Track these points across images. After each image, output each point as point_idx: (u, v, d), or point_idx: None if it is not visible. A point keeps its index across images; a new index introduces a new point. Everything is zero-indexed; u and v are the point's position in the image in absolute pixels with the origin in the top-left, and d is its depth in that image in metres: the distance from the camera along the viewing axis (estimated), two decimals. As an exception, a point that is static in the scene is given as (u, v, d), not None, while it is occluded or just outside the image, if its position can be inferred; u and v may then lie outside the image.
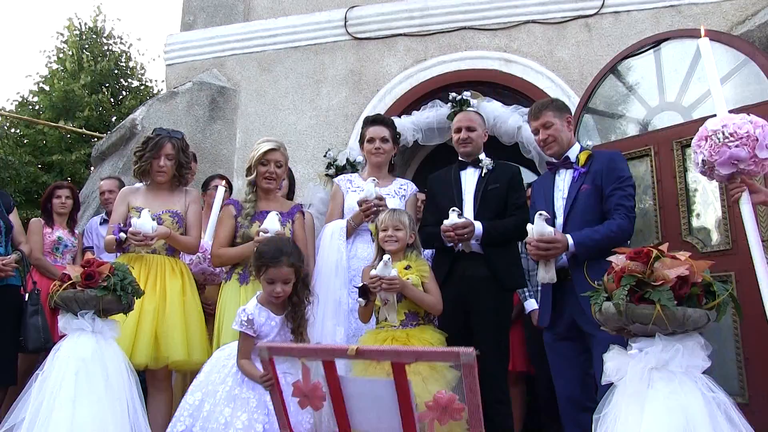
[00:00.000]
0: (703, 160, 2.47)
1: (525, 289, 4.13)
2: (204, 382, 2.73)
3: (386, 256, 2.92)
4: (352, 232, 3.54)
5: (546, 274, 2.95)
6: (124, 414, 2.61)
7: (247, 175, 3.48)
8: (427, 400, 2.11)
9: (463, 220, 3.26)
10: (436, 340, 2.94)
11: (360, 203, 3.48)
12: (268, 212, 3.37)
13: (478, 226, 3.30)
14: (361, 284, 2.98)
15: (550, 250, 2.90)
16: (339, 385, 2.23)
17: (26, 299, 3.69)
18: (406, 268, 3.02)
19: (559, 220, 3.10)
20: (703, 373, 2.02)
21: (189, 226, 3.48)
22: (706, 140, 2.46)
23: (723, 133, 2.41)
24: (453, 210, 3.27)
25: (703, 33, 2.64)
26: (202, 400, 2.66)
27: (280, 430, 2.45)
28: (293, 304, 2.79)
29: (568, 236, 2.93)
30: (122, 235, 3.23)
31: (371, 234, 3.40)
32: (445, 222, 3.27)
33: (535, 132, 3.26)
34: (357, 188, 3.67)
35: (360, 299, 2.97)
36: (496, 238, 3.36)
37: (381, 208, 3.40)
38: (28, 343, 3.61)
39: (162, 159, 3.42)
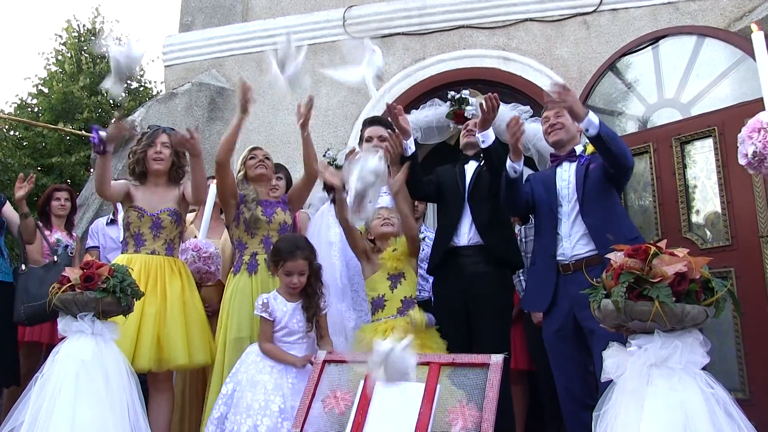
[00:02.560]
0: (754, 152, 2.42)
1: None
2: (235, 374, 3.00)
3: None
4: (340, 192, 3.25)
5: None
6: (125, 416, 2.60)
7: (240, 179, 3.61)
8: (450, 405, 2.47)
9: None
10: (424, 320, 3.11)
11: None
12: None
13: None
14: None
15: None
16: (372, 389, 2.60)
17: (55, 259, 3.80)
18: (393, 251, 3.20)
19: (566, 208, 3.10)
20: (704, 369, 2.01)
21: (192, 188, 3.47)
22: (759, 132, 2.42)
23: None
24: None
25: (756, 28, 2.60)
26: (233, 390, 2.93)
27: (293, 426, 2.69)
28: (308, 295, 3.05)
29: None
30: (102, 134, 3.12)
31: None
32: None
33: (545, 120, 3.28)
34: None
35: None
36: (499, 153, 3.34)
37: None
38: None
39: (158, 146, 3.47)
